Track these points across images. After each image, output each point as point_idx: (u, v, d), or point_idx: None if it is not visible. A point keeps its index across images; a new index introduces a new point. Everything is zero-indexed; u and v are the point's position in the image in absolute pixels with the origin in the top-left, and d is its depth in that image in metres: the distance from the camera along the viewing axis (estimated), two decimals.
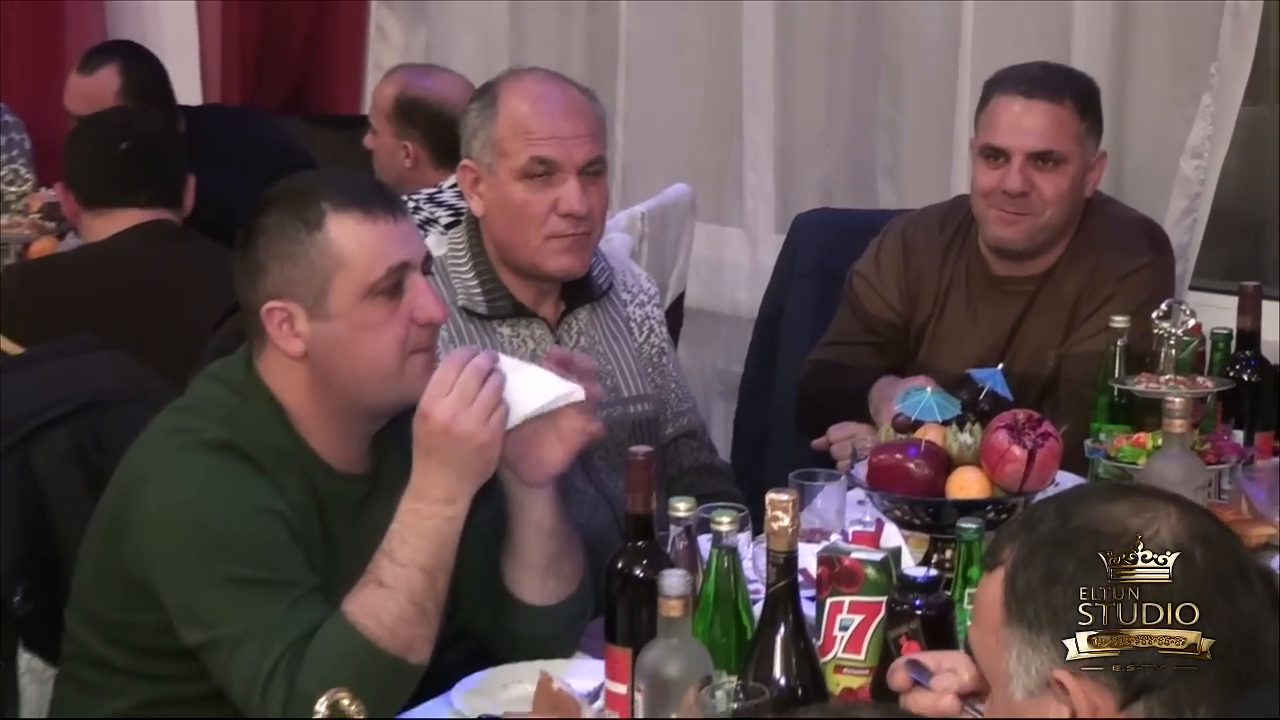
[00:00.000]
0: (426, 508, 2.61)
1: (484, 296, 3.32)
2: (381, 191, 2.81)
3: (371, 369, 2.68)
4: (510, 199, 3.27)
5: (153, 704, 2.71)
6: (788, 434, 4.08)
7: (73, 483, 3.02)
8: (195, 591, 2.61)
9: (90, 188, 4.11)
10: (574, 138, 3.29)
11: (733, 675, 2.35)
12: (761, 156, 5.25)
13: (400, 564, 2.58)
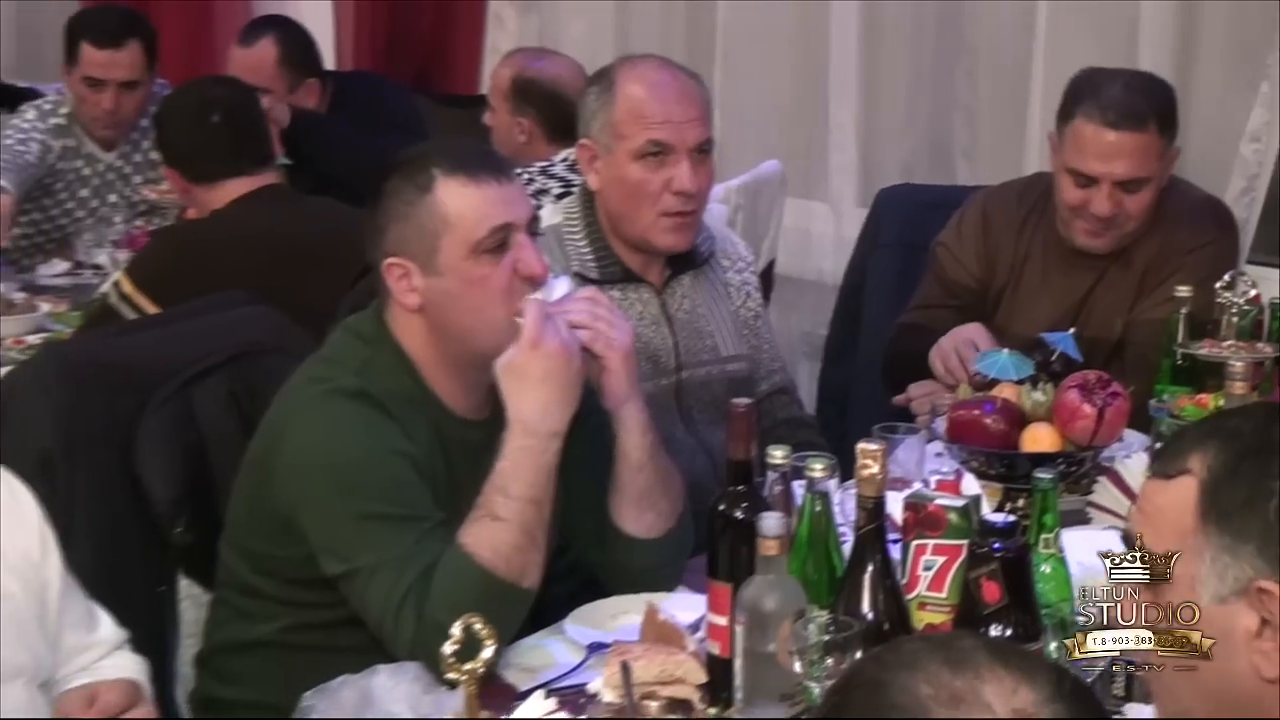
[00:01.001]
0: (540, 442, 2.60)
1: (596, 263, 3.35)
2: (488, 157, 2.83)
3: (479, 320, 2.69)
4: (627, 177, 3.29)
5: (296, 628, 2.74)
6: (869, 391, 4.08)
7: (227, 425, 3.04)
8: (334, 526, 2.63)
9: (195, 165, 4.08)
10: (686, 121, 3.30)
11: (824, 609, 2.36)
12: (846, 136, 5.24)
13: (513, 498, 2.58)
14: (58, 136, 5.05)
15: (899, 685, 1.35)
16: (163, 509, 2.96)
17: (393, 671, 2.46)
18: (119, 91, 5.01)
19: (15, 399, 2.90)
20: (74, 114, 5.08)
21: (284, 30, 5.21)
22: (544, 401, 2.61)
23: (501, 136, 4.66)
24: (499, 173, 2.73)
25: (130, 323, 3.70)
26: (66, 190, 5.09)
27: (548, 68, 4.66)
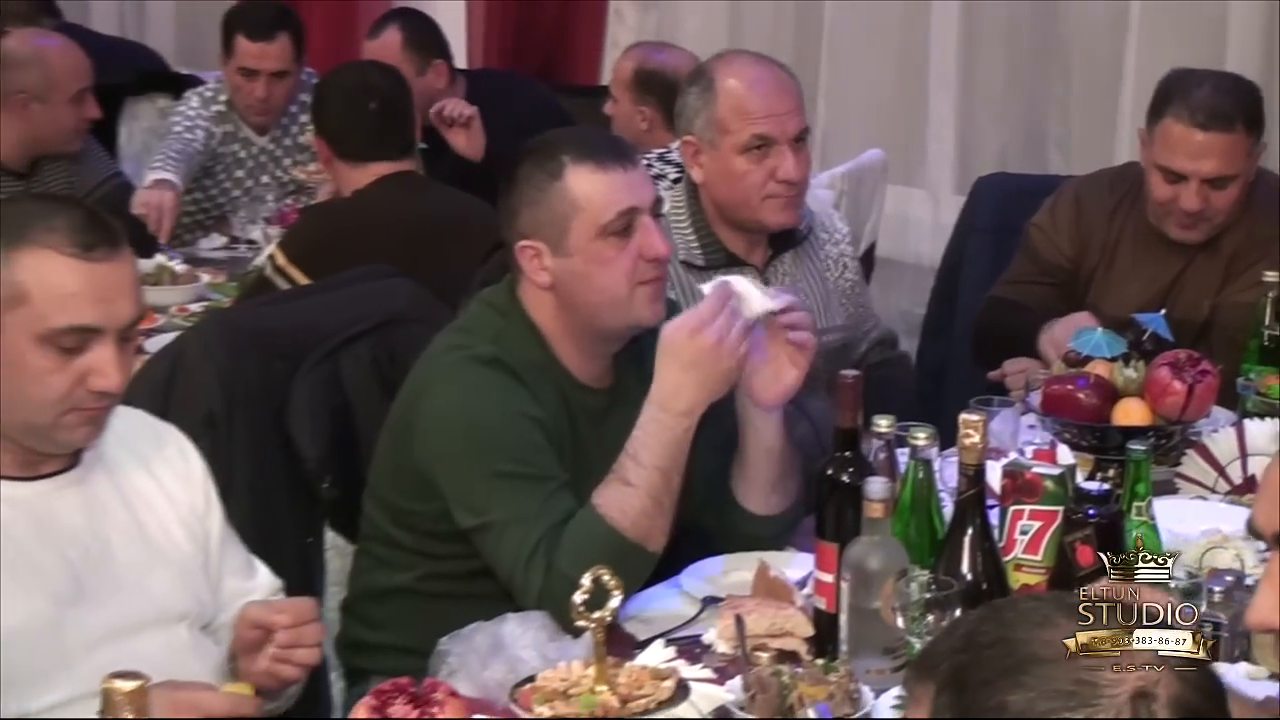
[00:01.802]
0: (667, 418, 2.60)
1: (701, 250, 3.33)
2: (614, 144, 2.82)
3: (605, 297, 2.69)
4: (733, 170, 3.27)
5: (432, 577, 2.75)
6: (964, 366, 4.05)
7: (371, 389, 3.05)
8: (468, 483, 2.64)
9: (346, 143, 4.08)
10: (786, 113, 3.29)
11: (925, 569, 2.36)
12: (944, 127, 5.23)
13: (644, 466, 2.57)
14: (218, 123, 5.11)
15: (1039, 640, 1.34)
16: (311, 466, 2.97)
17: (521, 619, 2.46)
18: (270, 81, 5.05)
19: (184, 363, 2.93)
20: (231, 101, 5.13)
21: (407, 18, 5.24)
22: (680, 384, 2.60)
23: (623, 124, 4.65)
24: (624, 159, 2.73)
25: (284, 293, 3.73)
26: (224, 172, 5.14)
27: (668, 60, 4.66)
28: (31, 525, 2.27)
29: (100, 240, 2.22)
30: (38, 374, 2.20)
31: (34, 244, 2.20)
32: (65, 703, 2.22)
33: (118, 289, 2.22)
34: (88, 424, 2.25)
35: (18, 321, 2.19)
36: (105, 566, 2.32)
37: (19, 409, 2.22)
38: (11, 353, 2.20)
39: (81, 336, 2.20)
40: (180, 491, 2.45)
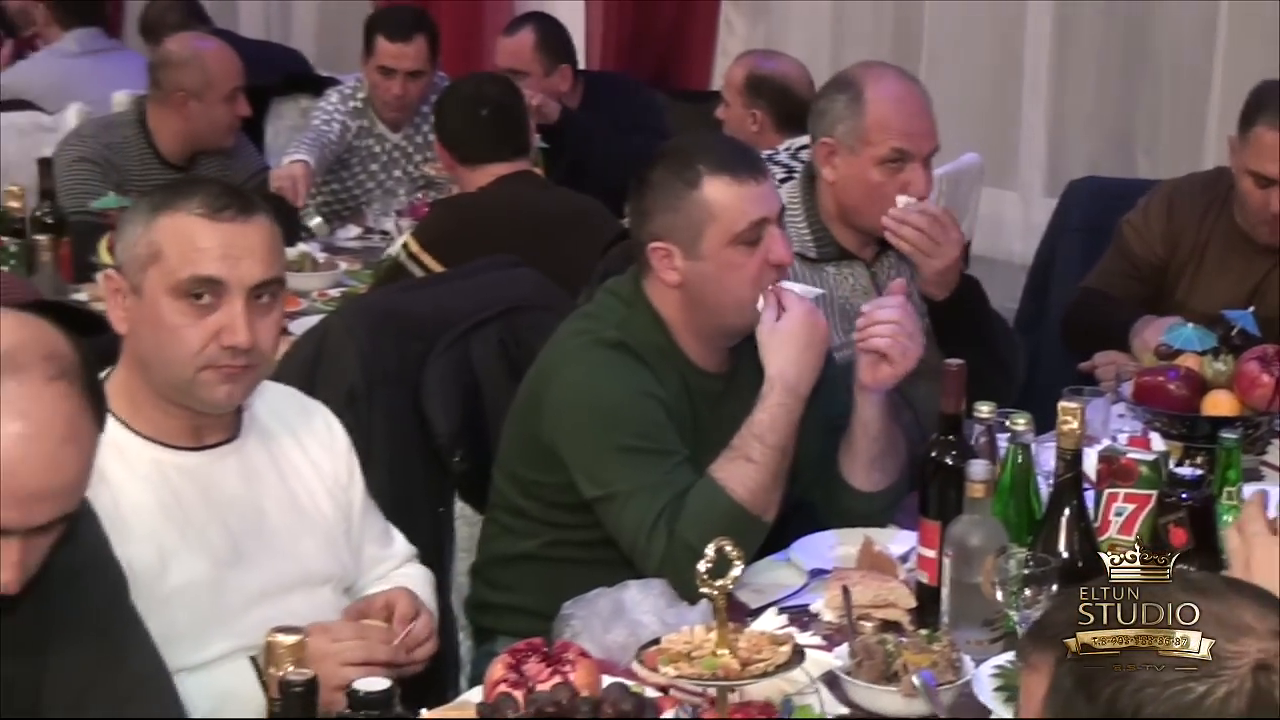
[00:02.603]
0: (786, 400, 2.61)
1: (814, 243, 3.31)
2: (748, 156, 2.80)
3: (731, 299, 2.70)
4: (868, 179, 3.23)
5: (555, 544, 2.76)
6: (1054, 359, 4.01)
7: (499, 369, 3.06)
8: (593, 457, 2.65)
9: (464, 148, 4.11)
10: (923, 132, 3.26)
11: (1024, 547, 2.35)
12: (1036, 132, 5.19)
13: (767, 445, 2.58)
14: (355, 118, 5.14)
15: None
16: (443, 441, 2.99)
17: (642, 586, 2.47)
18: (406, 80, 5.08)
19: (328, 344, 2.95)
20: (369, 99, 5.16)
21: (542, 21, 5.26)
22: (804, 366, 2.62)
23: (734, 127, 4.64)
24: (757, 171, 2.73)
25: (418, 280, 3.75)
26: (360, 165, 5.18)
27: (778, 66, 4.64)
28: (198, 492, 2.30)
29: (229, 205, 2.26)
30: (174, 329, 2.23)
31: (172, 209, 2.25)
32: (223, 656, 2.26)
33: (244, 249, 2.24)
34: (226, 382, 2.25)
35: (155, 277, 2.23)
36: (260, 532, 2.35)
37: (164, 366, 2.25)
38: (152, 309, 2.24)
39: (209, 289, 2.22)
40: (326, 463, 2.48)
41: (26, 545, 1.75)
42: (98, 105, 5.31)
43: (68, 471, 1.77)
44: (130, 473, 2.26)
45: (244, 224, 2.25)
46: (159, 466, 2.29)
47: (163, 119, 4.67)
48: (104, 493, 2.19)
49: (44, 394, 1.74)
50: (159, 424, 2.30)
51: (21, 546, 1.75)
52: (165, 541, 2.25)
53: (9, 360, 1.73)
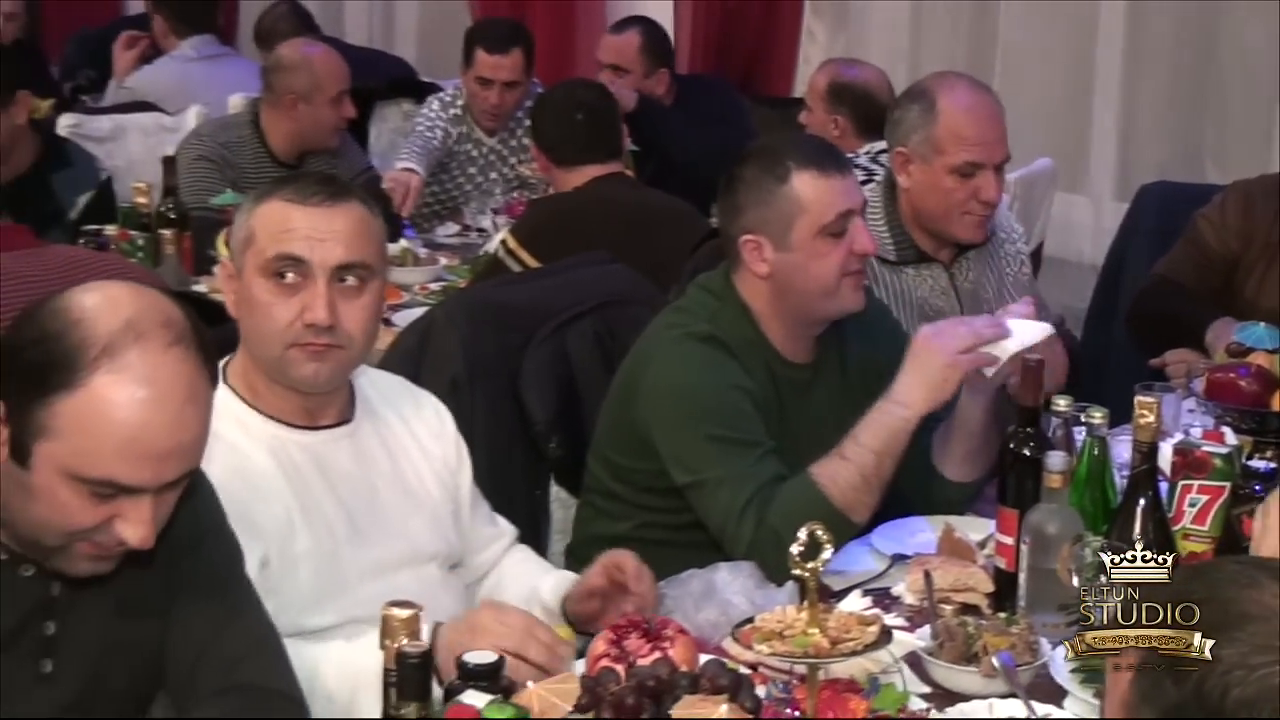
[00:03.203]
0: (890, 406, 2.57)
1: (894, 245, 3.30)
2: (832, 152, 2.80)
3: (818, 287, 2.70)
4: (940, 186, 3.23)
5: (647, 526, 2.76)
6: (1124, 356, 3.99)
7: (593, 361, 3.08)
8: (684, 445, 2.66)
9: (559, 151, 4.12)
10: (995, 141, 3.24)
11: (1099, 535, 2.34)
12: (1107, 139, 5.15)
13: (860, 445, 2.56)
14: (455, 124, 5.18)
15: (1249, 599, 1.33)
16: (540, 428, 3.01)
17: (732, 568, 2.46)
18: (503, 89, 5.11)
19: (431, 335, 2.98)
20: (467, 105, 5.19)
21: (648, 26, 5.27)
22: (909, 385, 2.58)
23: (817, 131, 4.62)
24: (842, 166, 2.73)
25: (517, 274, 3.77)
26: (458, 168, 5.21)
27: (859, 74, 4.63)
28: (315, 469, 2.33)
29: (319, 191, 2.28)
30: (264, 306, 2.25)
31: (269, 197, 2.29)
32: (337, 625, 2.28)
33: (328, 231, 2.25)
34: (312, 360, 2.26)
35: (250, 259, 2.26)
36: (372, 510, 2.37)
37: (258, 344, 2.28)
38: (248, 289, 2.27)
39: (294, 268, 2.23)
40: (435, 447, 2.49)
41: (157, 502, 1.79)
42: (214, 107, 5.39)
43: (191, 429, 1.79)
44: (255, 445, 2.30)
45: (330, 208, 2.26)
46: (279, 441, 2.32)
47: (274, 120, 4.72)
48: (232, 458, 2.25)
49: (164, 359, 1.76)
50: (275, 404, 2.32)
51: (153, 503, 1.78)
52: (291, 507, 2.28)
53: (129, 330, 1.75)
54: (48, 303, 1.78)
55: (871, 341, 2.83)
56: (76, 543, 1.79)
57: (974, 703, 2.11)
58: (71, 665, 1.89)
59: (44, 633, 1.88)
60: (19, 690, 1.85)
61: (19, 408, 1.75)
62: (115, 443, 1.73)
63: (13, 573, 1.85)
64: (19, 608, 1.86)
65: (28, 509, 1.78)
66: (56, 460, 1.74)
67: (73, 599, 1.88)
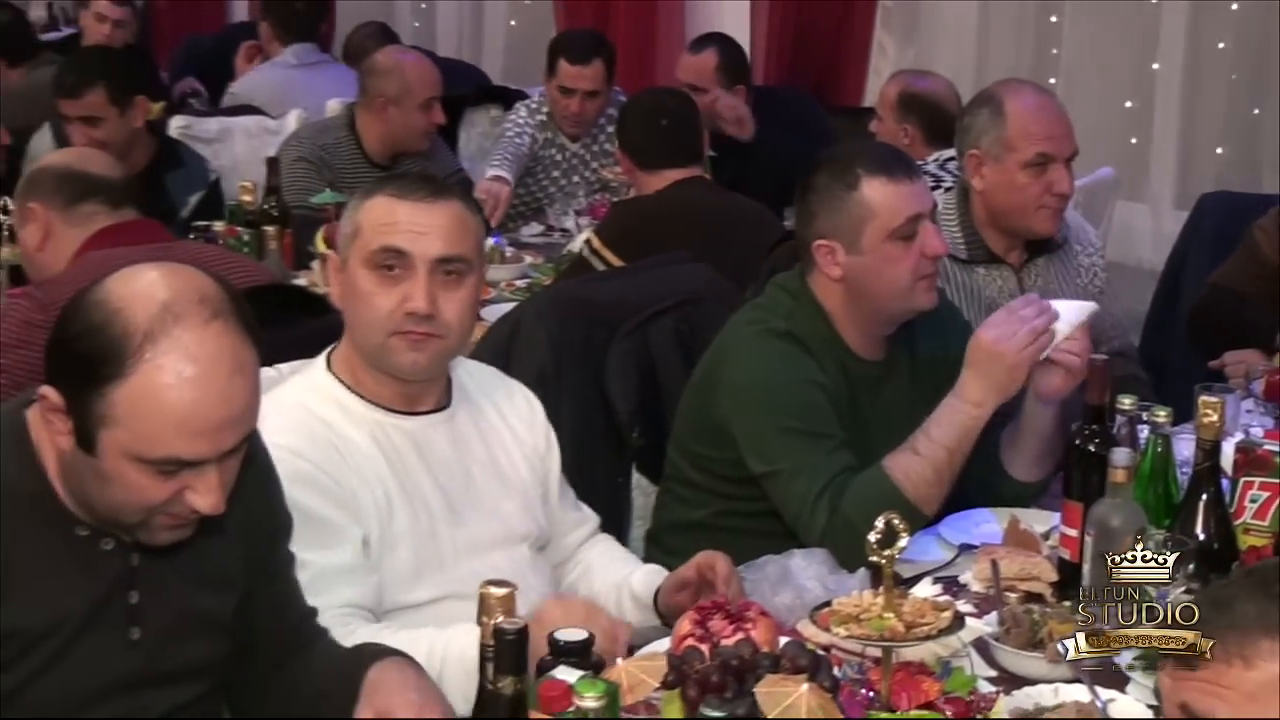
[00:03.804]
0: (960, 404, 2.55)
1: (965, 246, 3.28)
2: (901, 158, 2.79)
3: (890, 289, 2.68)
4: (1014, 182, 3.21)
5: (723, 514, 2.76)
6: (1181, 357, 3.96)
7: (673, 355, 3.08)
8: (761, 436, 2.65)
9: (644, 155, 4.11)
10: (1063, 136, 3.23)
11: (1162, 529, 2.32)
12: (1167, 149, 5.09)
13: (932, 440, 2.54)
14: (540, 130, 5.19)
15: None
16: (623, 418, 3.02)
17: (806, 554, 2.46)
18: (584, 98, 5.11)
19: (521, 328, 2.99)
20: (551, 112, 5.21)
21: (725, 44, 5.24)
22: (976, 382, 2.55)
23: (887, 140, 4.59)
24: (910, 172, 2.72)
25: (602, 272, 3.77)
26: (543, 171, 5.22)
27: (928, 85, 4.60)
28: (414, 452, 2.34)
29: (420, 188, 2.30)
30: (367, 296, 2.27)
31: (374, 194, 2.31)
32: (434, 600, 2.30)
33: (429, 225, 2.27)
34: (413, 350, 2.27)
35: (355, 251, 2.28)
36: (467, 492, 2.39)
37: (362, 332, 2.30)
38: (353, 280, 2.29)
39: (397, 259, 2.25)
40: (526, 434, 2.50)
41: (221, 469, 1.80)
42: (314, 111, 5.42)
43: (240, 399, 1.79)
44: (357, 430, 2.32)
45: (431, 204, 2.28)
46: (380, 426, 2.34)
47: (367, 122, 4.76)
48: (336, 441, 2.27)
49: (205, 335, 1.76)
50: (376, 391, 2.34)
51: (218, 471, 1.79)
52: (390, 488, 2.30)
53: (168, 311, 1.75)
54: (88, 295, 1.78)
55: (942, 340, 2.81)
56: (155, 516, 1.81)
57: (1039, 687, 2.10)
58: (155, 632, 1.92)
59: (129, 602, 1.90)
60: (111, 657, 1.88)
61: (78, 399, 1.76)
62: (171, 423, 1.74)
63: (95, 547, 1.87)
64: (105, 580, 1.88)
65: (103, 492, 1.80)
66: (120, 445, 1.75)
67: (152, 570, 1.91)
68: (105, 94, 4.37)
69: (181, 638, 1.94)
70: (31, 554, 1.82)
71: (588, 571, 2.56)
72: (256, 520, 2.03)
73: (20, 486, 1.83)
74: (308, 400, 2.33)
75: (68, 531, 1.86)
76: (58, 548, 1.85)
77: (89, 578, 1.87)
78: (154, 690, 1.93)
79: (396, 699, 1.85)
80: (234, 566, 1.99)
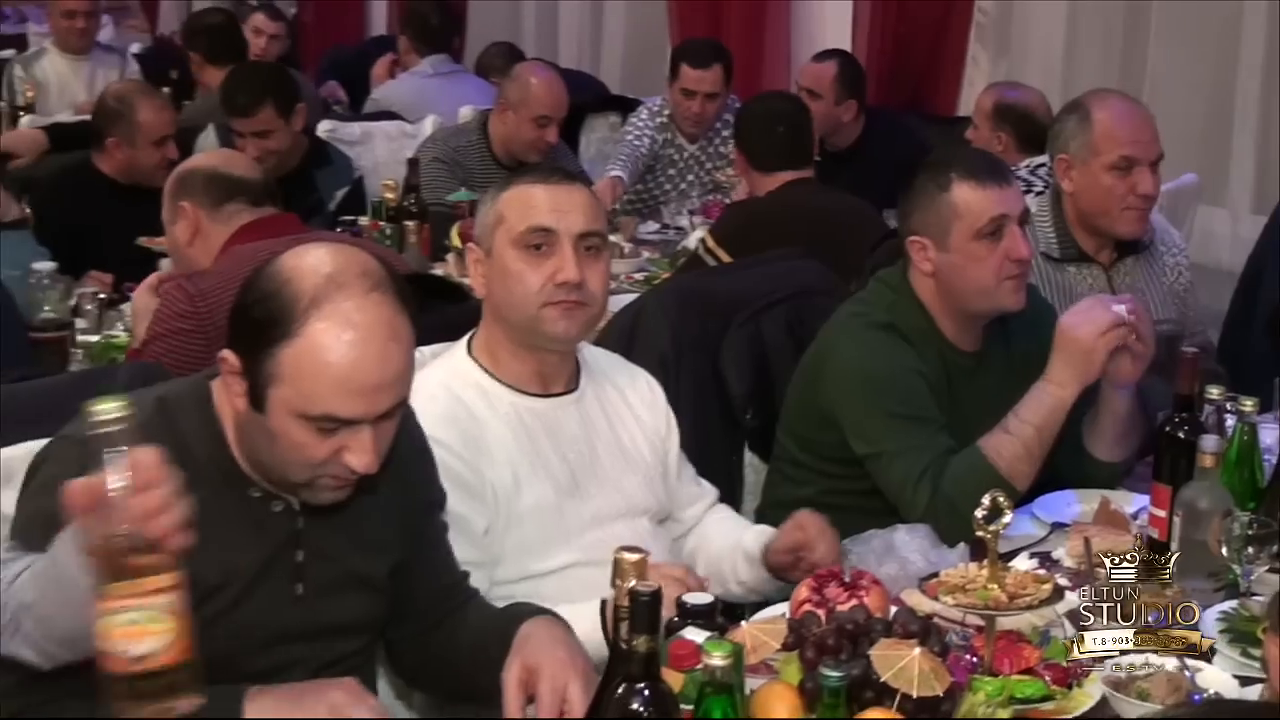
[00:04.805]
0: (1046, 386, 2.56)
1: (1058, 245, 3.25)
2: (994, 166, 2.76)
3: (975, 287, 2.67)
4: (1100, 184, 3.18)
5: (829, 492, 2.74)
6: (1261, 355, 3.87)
7: (785, 344, 3.07)
8: (866, 420, 2.66)
9: (759, 157, 4.09)
10: (1147, 140, 3.20)
11: (1247, 512, 2.28)
12: (1246, 156, 4.98)
13: (1021, 420, 2.54)
14: (660, 132, 5.22)
15: None
16: (737, 401, 3.02)
17: (909, 529, 2.46)
18: (705, 100, 5.14)
19: (644, 317, 3.00)
20: (672, 115, 5.22)
21: (846, 59, 5.20)
22: (1080, 374, 2.55)
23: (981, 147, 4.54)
24: (999, 177, 2.68)
25: (717, 266, 3.78)
26: (661, 171, 5.24)
27: (1021, 96, 4.55)
28: (544, 431, 2.37)
29: (554, 174, 2.36)
30: (518, 274, 2.29)
31: (512, 184, 2.35)
32: (562, 568, 2.33)
33: (570, 204, 2.30)
34: (564, 318, 2.30)
35: (500, 237, 2.31)
36: (593, 468, 2.41)
37: (512, 309, 2.31)
38: (500, 263, 2.31)
39: (544, 238, 2.28)
40: (647, 415, 2.52)
41: (376, 431, 1.82)
42: (447, 117, 5.48)
43: (395, 364, 1.81)
44: (492, 412, 2.35)
45: (568, 187, 2.33)
46: (514, 408, 2.36)
47: (495, 124, 4.80)
48: (470, 425, 2.30)
49: (365, 304, 1.79)
50: (515, 372, 2.37)
51: (373, 433, 1.81)
52: (519, 468, 2.32)
53: (332, 282, 1.79)
54: (264, 267, 1.84)
55: (1036, 336, 2.77)
56: (318, 477, 1.84)
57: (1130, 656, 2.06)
58: (317, 589, 1.96)
59: (295, 560, 1.94)
60: (279, 609, 1.92)
61: (252, 361, 1.81)
62: (331, 381, 1.77)
63: (266, 508, 1.92)
64: (274, 538, 1.93)
65: (272, 450, 1.84)
66: (285, 403, 1.79)
67: (316, 532, 1.95)
68: (274, 109, 4.46)
69: (341, 595, 1.98)
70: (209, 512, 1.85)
71: (705, 538, 2.57)
72: (413, 493, 2.06)
73: (202, 449, 1.88)
74: (450, 382, 2.36)
75: (242, 493, 1.90)
76: (233, 507, 1.90)
77: (260, 536, 1.92)
78: (315, 642, 1.97)
79: (545, 654, 1.87)
80: (390, 534, 2.03)
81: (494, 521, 2.29)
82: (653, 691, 1.61)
